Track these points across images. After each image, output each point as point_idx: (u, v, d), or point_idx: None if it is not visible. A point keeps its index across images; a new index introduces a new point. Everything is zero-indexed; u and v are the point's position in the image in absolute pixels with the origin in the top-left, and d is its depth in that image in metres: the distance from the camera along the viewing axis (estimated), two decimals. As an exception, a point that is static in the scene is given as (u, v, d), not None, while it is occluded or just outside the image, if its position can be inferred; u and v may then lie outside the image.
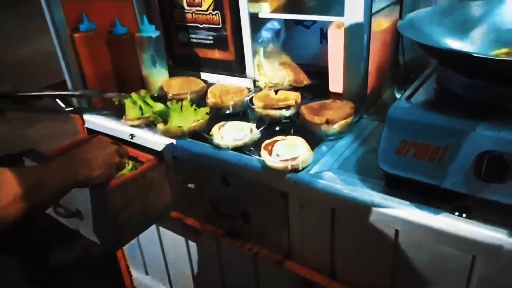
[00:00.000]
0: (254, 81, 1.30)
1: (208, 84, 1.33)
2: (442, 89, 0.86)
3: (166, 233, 1.39)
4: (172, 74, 1.39)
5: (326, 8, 1.27)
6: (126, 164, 1.05)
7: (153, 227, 1.39)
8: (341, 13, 1.04)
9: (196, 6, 1.28)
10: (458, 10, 0.97)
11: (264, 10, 1.20)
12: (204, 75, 1.40)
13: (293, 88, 1.29)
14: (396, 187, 0.81)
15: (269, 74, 1.30)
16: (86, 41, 1.20)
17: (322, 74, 1.26)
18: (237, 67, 1.31)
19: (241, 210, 1.07)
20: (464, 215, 0.73)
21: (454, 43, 0.90)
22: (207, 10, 1.27)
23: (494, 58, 0.78)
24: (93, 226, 1.04)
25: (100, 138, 1.01)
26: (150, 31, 1.28)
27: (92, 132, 1.31)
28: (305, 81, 1.33)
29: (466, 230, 0.72)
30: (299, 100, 1.13)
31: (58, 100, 1.35)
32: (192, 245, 1.35)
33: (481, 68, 0.76)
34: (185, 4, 1.30)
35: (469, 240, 0.72)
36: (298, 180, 0.90)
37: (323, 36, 1.41)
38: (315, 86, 1.31)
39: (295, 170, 0.91)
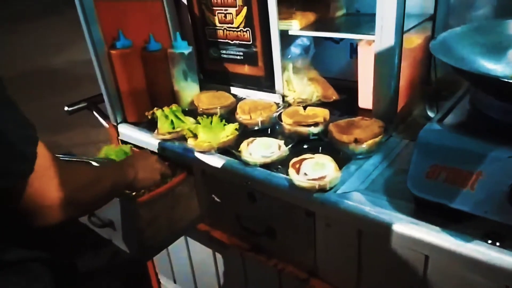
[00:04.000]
0: (283, 96, 1.31)
1: (238, 99, 1.35)
2: (476, 112, 0.84)
3: (194, 244, 1.42)
4: (202, 88, 1.42)
5: (356, 25, 1.27)
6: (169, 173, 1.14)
7: (182, 237, 1.42)
8: (371, 30, 1.03)
9: (228, 23, 1.31)
10: (493, 29, 0.94)
11: (294, 28, 1.21)
12: (233, 90, 1.43)
13: (322, 104, 1.28)
14: (426, 211, 0.80)
15: (298, 89, 1.31)
16: (122, 58, 1.25)
17: (351, 89, 1.26)
18: (266, 83, 1.32)
19: (266, 226, 1.07)
20: (497, 243, 0.71)
21: (489, 65, 0.87)
22: (238, 27, 1.29)
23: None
24: (123, 238, 1.07)
25: (142, 152, 1.13)
26: (183, 47, 1.32)
27: (124, 143, 1.36)
28: (334, 96, 1.33)
29: (499, 259, 0.70)
30: (327, 117, 1.13)
31: (95, 113, 1.42)
32: (219, 257, 1.36)
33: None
34: (216, 21, 1.33)
35: (502, 270, 0.69)
36: (325, 200, 0.90)
37: (353, 51, 1.41)
38: (343, 102, 1.30)
39: (323, 189, 0.91)
